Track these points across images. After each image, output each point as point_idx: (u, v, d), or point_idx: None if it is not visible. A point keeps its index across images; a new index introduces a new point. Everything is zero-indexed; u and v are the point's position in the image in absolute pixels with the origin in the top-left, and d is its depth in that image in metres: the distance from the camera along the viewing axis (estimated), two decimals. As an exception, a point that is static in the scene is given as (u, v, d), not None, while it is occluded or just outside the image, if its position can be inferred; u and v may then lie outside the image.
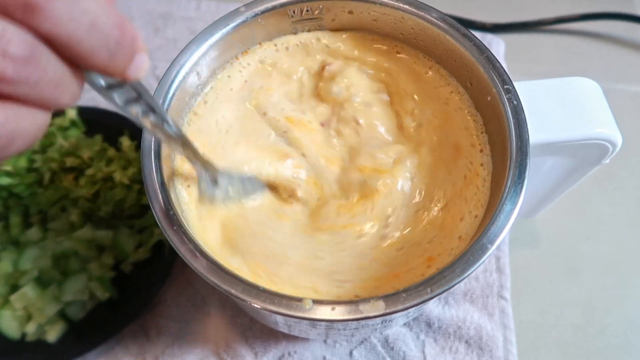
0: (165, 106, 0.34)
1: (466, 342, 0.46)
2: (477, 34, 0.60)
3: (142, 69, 0.22)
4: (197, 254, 0.30)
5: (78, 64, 0.20)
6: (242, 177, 0.36)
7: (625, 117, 0.59)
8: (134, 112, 0.26)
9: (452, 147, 0.37)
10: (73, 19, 0.18)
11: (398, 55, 0.40)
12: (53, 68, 0.19)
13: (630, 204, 0.55)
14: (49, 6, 0.18)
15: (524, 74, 0.60)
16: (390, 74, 0.40)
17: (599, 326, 0.49)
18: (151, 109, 0.27)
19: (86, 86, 0.22)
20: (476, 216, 0.34)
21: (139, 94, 0.26)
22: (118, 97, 0.25)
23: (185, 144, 0.31)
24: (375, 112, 0.39)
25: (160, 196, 0.31)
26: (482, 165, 0.35)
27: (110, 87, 0.24)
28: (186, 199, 0.35)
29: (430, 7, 0.37)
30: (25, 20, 0.18)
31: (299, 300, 0.28)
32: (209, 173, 0.34)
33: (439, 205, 0.35)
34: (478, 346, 0.46)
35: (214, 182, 0.34)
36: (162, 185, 0.32)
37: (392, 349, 0.46)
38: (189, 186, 0.36)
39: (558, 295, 0.50)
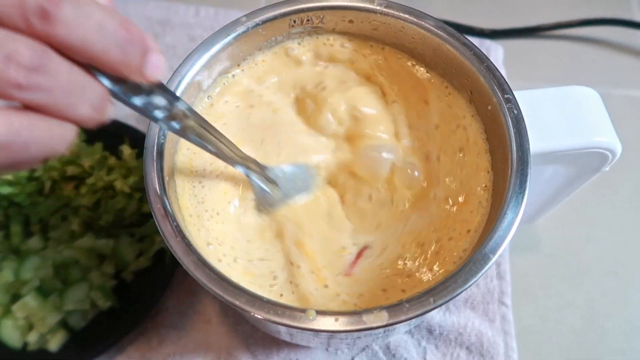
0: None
1: (467, 348, 0.46)
2: (476, 40, 0.61)
3: (159, 68, 0.22)
4: (200, 264, 0.30)
5: (95, 66, 0.21)
6: (296, 168, 0.35)
7: (624, 122, 0.59)
8: (174, 125, 0.27)
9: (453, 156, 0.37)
10: (81, 22, 0.20)
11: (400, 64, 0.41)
12: (65, 74, 0.20)
13: (629, 209, 0.55)
14: (59, 12, 0.19)
15: (523, 80, 0.61)
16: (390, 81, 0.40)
17: (600, 331, 0.49)
18: (185, 114, 0.28)
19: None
20: (477, 225, 0.34)
21: (170, 102, 0.26)
22: (156, 110, 0.25)
23: (227, 144, 0.31)
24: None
25: (162, 206, 0.32)
26: (482, 174, 0.36)
27: (146, 104, 0.25)
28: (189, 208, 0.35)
29: (430, 16, 0.37)
30: (37, 30, 0.19)
31: (302, 311, 0.28)
32: (257, 174, 0.33)
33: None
34: (479, 352, 0.46)
35: (266, 180, 0.34)
36: (165, 194, 0.32)
37: (394, 355, 0.46)
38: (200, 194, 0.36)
39: (559, 300, 0.50)
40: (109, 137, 0.52)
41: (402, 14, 0.38)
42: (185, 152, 0.37)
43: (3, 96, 0.19)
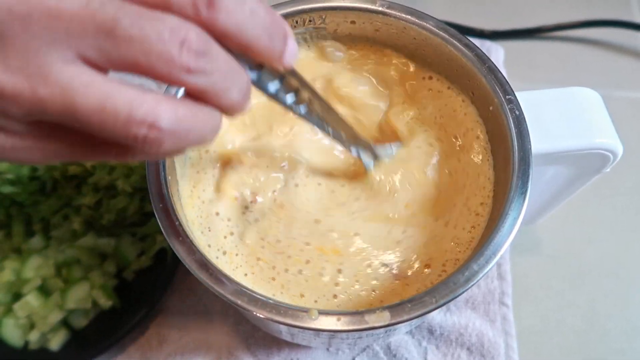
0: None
1: (468, 348, 0.46)
2: (476, 41, 0.61)
3: (295, 54, 0.24)
4: (203, 263, 0.30)
5: (243, 52, 0.22)
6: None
7: (625, 123, 0.59)
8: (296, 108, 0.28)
9: (455, 157, 0.37)
10: (238, 8, 0.21)
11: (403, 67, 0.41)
12: (223, 59, 0.21)
13: (630, 210, 0.55)
14: (223, 1, 0.21)
15: (524, 81, 0.61)
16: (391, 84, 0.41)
17: (601, 331, 0.49)
18: (310, 99, 0.28)
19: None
20: (479, 225, 0.34)
21: (300, 87, 0.27)
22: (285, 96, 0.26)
23: (343, 128, 0.33)
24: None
25: (164, 205, 0.32)
26: (484, 175, 0.36)
27: (279, 90, 0.26)
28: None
29: (432, 17, 0.37)
30: (203, 16, 0.20)
31: (305, 310, 0.28)
32: (368, 154, 0.35)
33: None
34: (480, 353, 0.46)
35: (374, 159, 0.36)
36: (167, 193, 0.32)
37: (395, 356, 0.46)
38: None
39: (559, 301, 0.50)
40: (111, 136, 0.52)
41: (403, 15, 0.38)
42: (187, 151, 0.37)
43: (173, 80, 0.20)
